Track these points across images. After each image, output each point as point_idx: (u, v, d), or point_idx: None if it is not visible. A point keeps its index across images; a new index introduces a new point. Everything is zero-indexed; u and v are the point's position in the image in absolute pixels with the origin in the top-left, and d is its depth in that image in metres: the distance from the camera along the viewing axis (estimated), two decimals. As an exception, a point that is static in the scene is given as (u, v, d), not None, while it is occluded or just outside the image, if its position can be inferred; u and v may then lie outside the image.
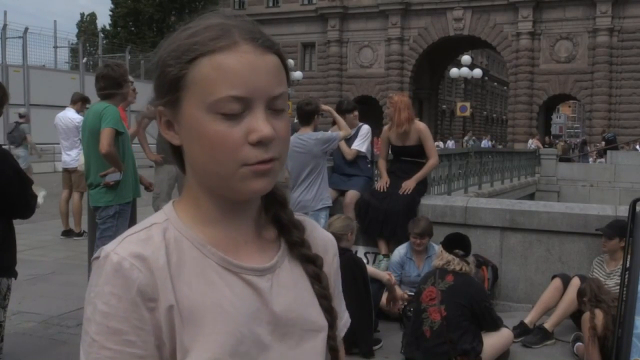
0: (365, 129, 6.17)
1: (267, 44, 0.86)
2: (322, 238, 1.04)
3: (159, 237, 0.86)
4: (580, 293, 4.38)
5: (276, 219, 0.97)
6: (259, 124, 0.83)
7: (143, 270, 0.82)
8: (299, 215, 1.03)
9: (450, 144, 32.12)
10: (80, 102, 8.36)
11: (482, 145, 27.75)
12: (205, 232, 0.89)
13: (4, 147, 3.56)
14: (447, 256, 4.17)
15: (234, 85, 0.82)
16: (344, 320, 1.06)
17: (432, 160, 5.86)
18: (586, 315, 4.10)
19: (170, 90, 0.86)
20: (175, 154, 0.93)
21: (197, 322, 0.84)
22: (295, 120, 5.71)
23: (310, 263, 0.97)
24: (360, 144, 6.08)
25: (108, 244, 0.86)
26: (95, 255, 0.85)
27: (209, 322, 0.84)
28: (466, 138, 32.70)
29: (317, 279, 0.96)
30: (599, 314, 4.01)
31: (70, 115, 8.20)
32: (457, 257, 4.15)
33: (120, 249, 0.83)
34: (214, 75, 0.83)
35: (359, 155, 6.10)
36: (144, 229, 0.87)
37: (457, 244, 4.27)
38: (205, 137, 0.83)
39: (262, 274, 0.91)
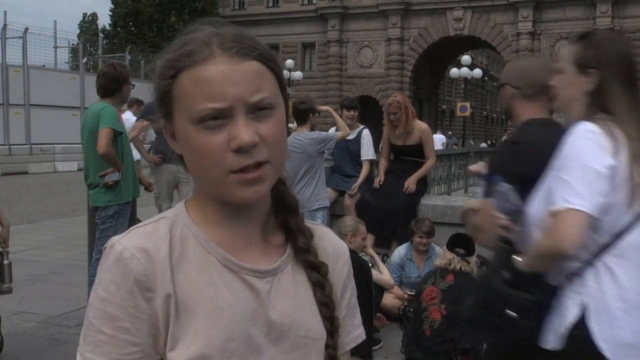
0: (367, 134, 6.24)
1: (243, 52, 0.86)
2: (333, 246, 1.04)
3: (165, 230, 0.89)
4: None
5: (284, 223, 0.98)
6: (239, 131, 0.84)
7: (142, 261, 0.85)
8: (312, 223, 1.03)
9: (438, 138, 31.75)
10: (135, 104, 8.39)
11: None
12: (210, 231, 0.92)
13: None
14: (449, 255, 4.18)
15: (210, 98, 0.84)
16: (355, 334, 1.04)
17: (431, 161, 5.95)
18: None
19: (163, 104, 0.90)
20: (184, 161, 0.95)
21: (189, 315, 0.86)
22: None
23: (314, 270, 0.97)
24: (367, 151, 6.18)
25: (116, 235, 0.90)
26: (105, 245, 0.89)
27: (201, 316, 0.86)
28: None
29: (320, 287, 0.97)
30: None
31: (129, 117, 8.17)
32: (458, 256, 4.16)
33: (125, 240, 0.88)
34: (192, 89, 0.85)
35: (360, 156, 6.16)
36: (152, 222, 0.91)
37: (458, 243, 4.26)
38: (193, 147, 0.87)
39: (263, 276, 0.92)
